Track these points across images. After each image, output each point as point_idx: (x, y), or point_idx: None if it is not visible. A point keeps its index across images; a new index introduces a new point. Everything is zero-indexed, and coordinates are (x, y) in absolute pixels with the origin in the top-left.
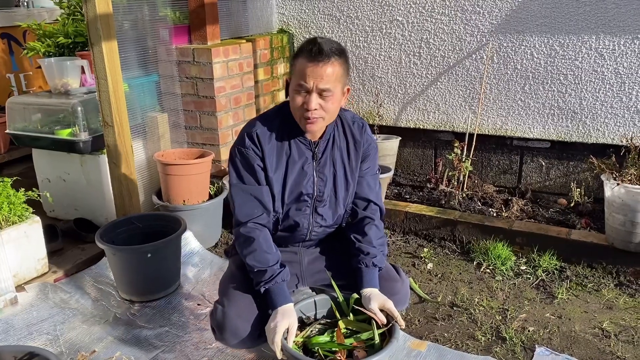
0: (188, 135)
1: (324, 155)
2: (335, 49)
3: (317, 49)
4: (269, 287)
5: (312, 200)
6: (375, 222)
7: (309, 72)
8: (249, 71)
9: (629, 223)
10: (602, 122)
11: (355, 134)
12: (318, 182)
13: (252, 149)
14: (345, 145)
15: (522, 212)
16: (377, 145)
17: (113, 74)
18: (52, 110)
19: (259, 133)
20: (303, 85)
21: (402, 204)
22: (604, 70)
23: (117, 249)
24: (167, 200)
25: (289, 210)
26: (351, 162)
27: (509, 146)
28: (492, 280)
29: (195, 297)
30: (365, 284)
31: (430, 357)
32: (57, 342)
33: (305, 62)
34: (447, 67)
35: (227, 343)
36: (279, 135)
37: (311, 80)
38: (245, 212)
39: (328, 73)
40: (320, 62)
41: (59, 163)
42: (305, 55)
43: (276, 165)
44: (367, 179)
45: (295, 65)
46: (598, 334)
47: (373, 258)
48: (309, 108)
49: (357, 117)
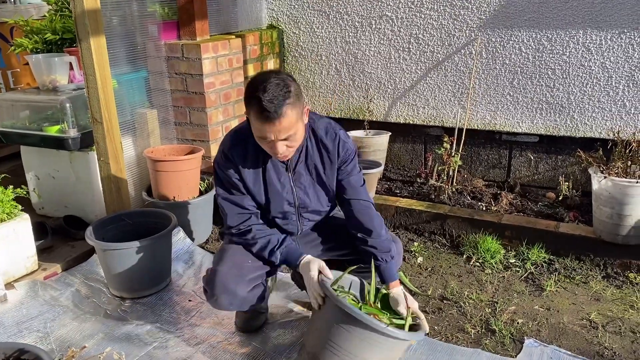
0: (178, 132)
1: (297, 167)
2: (282, 98)
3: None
4: (282, 250)
5: (295, 209)
6: (373, 215)
7: (267, 130)
8: (239, 67)
9: (616, 216)
10: (589, 116)
11: (328, 145)
12: (297, 191)
13: (230, 167)
14: (319, 157)
15: (511, 205)
16: (355, 147)
17: (101, 70)
18: (40, 107)
19: (233, 154)
20: (265, 138)
21: (392, 198)
22: (591, 65)
23: (107, 246)
24: (157, 197)
25: (276, 220)
26: (326, 170)
27: (498, 141)
28: (481, 274)
29: (186, 293)
30: (388, 278)
31: (421, 349)
32: (47, 340)
33: (260, 123)
34: (436, 62)
35: (217, 300)
36: (253, 152)
37: (272, 134)
38: (234, 219)
39: (285, 126)
40: (274, 121)
41: (47, 160)
42: (256, 114)
43: (254, 180)
44: (351, 181)
45: (250, 116)
46: (586, 325)
47: (388, 252)
48: (278, 153)
49: (331, 125)
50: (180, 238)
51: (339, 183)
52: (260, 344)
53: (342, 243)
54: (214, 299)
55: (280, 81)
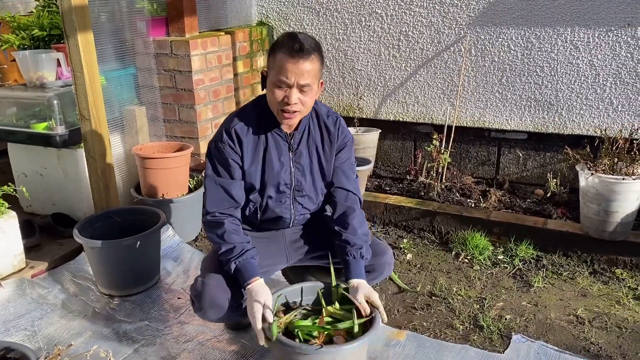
0: (167, 129)
1: (299, 147)
2: (314, 45)
3: (298, 45)
4: (239, 262)
5: (291, 191)
6: (357, 211)
7: (291, 68)
8: (228, 64)
9: (603, 212)
10: (577, 113)
11: (330, 126)
12: (295, 172)
13: (230, 145)
14: (320, 138)
15: (499, 202)
16: (352, 137)
17: (89, 67)
18: (27, 103)
19: (237, 129)
20: (284, 81)
21: (382, 195)
22: (579, 62)
23: (95, 243)
24: (146, 194)
25: (268, 203)
26: (326, 153)
27: (486, 138)
28: (470, 270)
29: (175, 290)
30: (353, 274)
31: (409, 346)
32: (35, 338)
33: (286, 58)
34: (425, 59)
35: (205, 313)
36: (256, 129)
37: (292, 76)
38: (214, 203)
39: (308, 69)
40: (301, 59)
41: (35, 157)
42: (285, 51)
43: (253, 158)
44: (345, 169)
45: (274, 60)
46: (573, 320)
47: (359, 249)
48: (290, 102)
49: (332, 110)
50: (169, 235)
51: (332, 169)
52: (249, 341)
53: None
54: (201, 312)
55: (311, 36)
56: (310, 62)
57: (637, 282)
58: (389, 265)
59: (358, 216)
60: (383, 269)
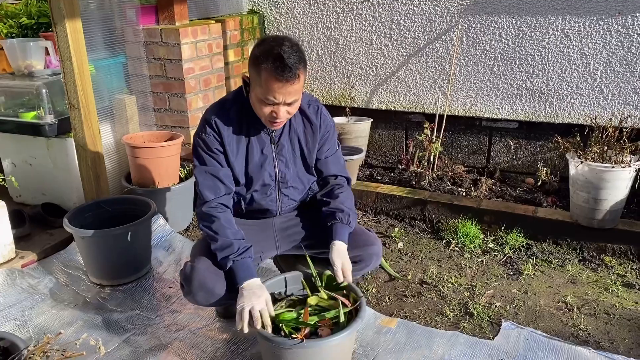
0: (157, 118)
1: (281, 139)
2: (299, 60)
3: (287, 68)
4: (237, 260)
5: (275, 183)
6: (344, 187)
7: (278, 90)
8: (219, 52)
9: (592, 200)
10: (568, 102)
11: (311, 117)
12: (279, 164)
13: (213, 135)
14: (302, 128)
15: (490, 191)
16: (334, 123)
17: (78, 55)
18: (15, 92)
19: (217, 122)
20: (272, 101)
21: (373, 184)
22: (569, 51)
23: (86, 233)
24: (137, 184)
25: (254, 195)
26: (308, 143)
27: (478, 127)
28: (460, 258)
29: (166, 280)
30: (336, 236)
31: (400, 333)
32: (25, 328)
33: (272, 81)
34: (417, 48)
35: (195, 296)
36: (237, 121)
37: (280, 97)
38: (209, 192)
39: (296, 88)
40: (289, 81)
41: (24, 147)
42: (272, 72)
43: (237, 150)
44: (331, 159)
45: (259, 76)
46: (562, 307)
47: (346, 215)
48: (279, 118)
49: (313, 99)
50: (160, 225)
51: (318, 159)
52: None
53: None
54: (191, 296)
55: (294, 45)
56: (297, 81)
57: (625, 270)
58: (377, 256)
59: (346, 191)
60: (371, 260)
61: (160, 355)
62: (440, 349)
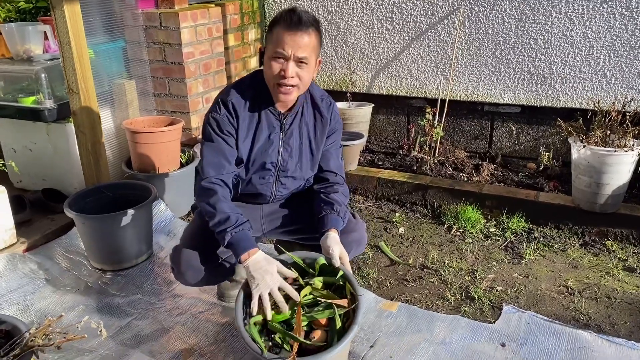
0: (157, 103)
1: (291, 127)
2: (312, 20)
3: (296, 18)
4: (235, 233)
5: (275, 170)
6: (343, 186)
7: (288, 40)
8: (219, 36)
9: (595, 184)
10: (570, 86)
11: (323, 111)
12: (283, 152)
13: (227, 117)
14: (313, 121)
15: (492, 176)
16: (342, 121)
17: (77, 39)
18: (14, 77)
19: (234, 102)
20: (281, 53)
21: (374, 170)
22: (573, 35)
23: (87, 218)
24: (137, 169)
25: (252, 178)
26: (317, 137)
27: (480, 111)
28: (462, 243)
29: (167, 265)
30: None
31: (401, 317)
32: (27, 312)
33: (284, 31)
34: (419, 32)
35: (184, 276)
36: (252, 105)
37: (289, 48)
38: (212, 168)
39: (306, 42)
40: (299, 31)
41: (24, 132)
42: (283, 24)
43: (246, 134)
44: (332, 152)
45: (272, 34)
46: (563, 291)
47: (343, 210)
48: (287, 75)
49: (326, 94)
50: (161, 210)
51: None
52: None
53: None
54: (180, 275)
55: (310, 13)
56: (308, 35)
57: (627, 254)
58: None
59: (342, 190)
60: (351, 247)
61: (162, 339)
62: (441, 332)
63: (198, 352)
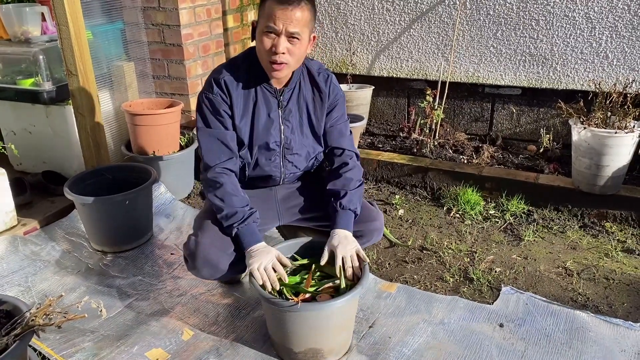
0: (156, 85)
1: (289, 103)
2: None
3: None
4: (241, 227)
5: (280, 148)
6: (350, 165)
7: (279, 14)
8: (218, 17)
9: (595, 166)
10: (572, 67)
11: (321, 84)
12: (285, 130)
13: (220, 95)
14: (311, 95)
15: (492, 158)
16: (344, 94)
17: (74, 20)
18: (12, 59)
19: (226, 80)
20: (272, 28)
21: (374, 152)
22: (575, 15)
23: (87, 200)
24: (137, 152)
25: (259, 159)
26: (316, 111)
27: (480, 94)
28: (461, 225)
29: (168, 247)
30: (336, 225)
31: (400, 297)
32: (29, 293)
33: (275, 5)
34: (420, 13)
35: (199, 272)
36: (246, 82)
37: (280, 23)
38: (212, 156)
39: (297, 17)
40: (290, 6)
41: (23, 114)
42: None
43: (243, 112)
44: (339, 127)
45: (263, 8)
46: (561, 273)
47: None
48: (277, 51)
49: (323, 67)
50: (161, 192)
51: (326, 130)
52: (242, 294)
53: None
54: (195, 271)
55: None
56: (299, 9)
57: (626, 235)
58: (378, 231)
59: (352, 170)
60: (372, 235)
61: (162, 320)
62: (439, 313)
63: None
